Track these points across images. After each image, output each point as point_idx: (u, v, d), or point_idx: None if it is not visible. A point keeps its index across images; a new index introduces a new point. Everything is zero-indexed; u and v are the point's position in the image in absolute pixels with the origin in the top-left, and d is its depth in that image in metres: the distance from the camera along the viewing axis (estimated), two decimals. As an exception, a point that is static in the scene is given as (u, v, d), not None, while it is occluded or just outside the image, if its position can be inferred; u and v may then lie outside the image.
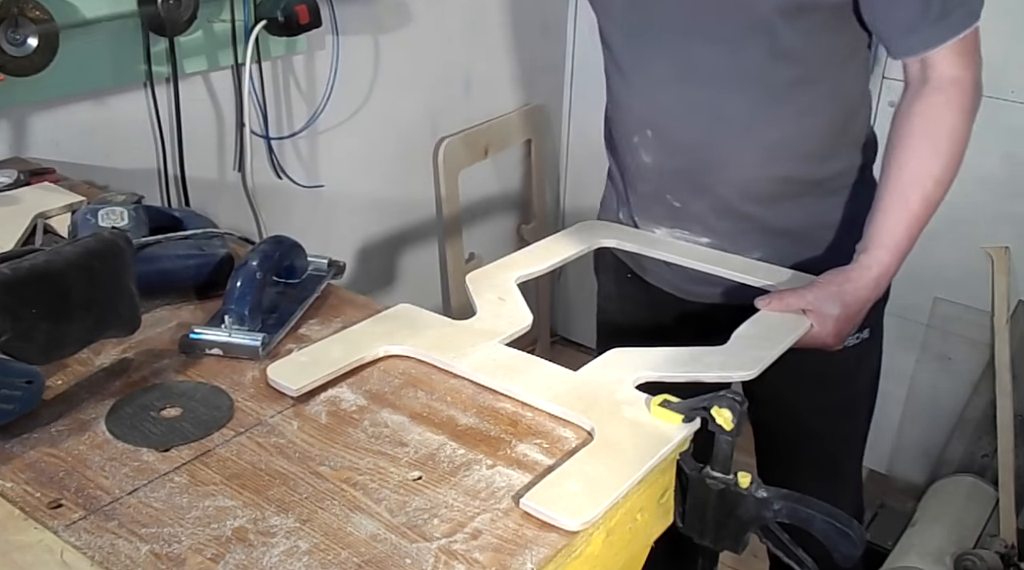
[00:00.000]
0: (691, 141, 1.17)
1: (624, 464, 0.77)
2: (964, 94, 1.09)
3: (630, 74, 1.20)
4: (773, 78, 1.11)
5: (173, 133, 1.60)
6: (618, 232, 1.29)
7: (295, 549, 0.69)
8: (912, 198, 1.11)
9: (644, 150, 1.21)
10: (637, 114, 1.21)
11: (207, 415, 0.84)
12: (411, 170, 2.19)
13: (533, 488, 0.74)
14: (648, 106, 1.19)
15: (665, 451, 0.80)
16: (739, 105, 1.13)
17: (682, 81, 1.14)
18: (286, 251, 1.04)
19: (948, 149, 1.10)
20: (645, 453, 0.79)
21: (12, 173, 1.26)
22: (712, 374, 0.94)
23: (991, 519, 1.99)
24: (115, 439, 0.80)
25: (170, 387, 0.88)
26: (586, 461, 0.77)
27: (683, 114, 1.16)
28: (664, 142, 1.19)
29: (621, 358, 0.94)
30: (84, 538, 0.69)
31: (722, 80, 1.12)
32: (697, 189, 1.21)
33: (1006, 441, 1.98)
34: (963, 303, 2.08)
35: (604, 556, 0.74)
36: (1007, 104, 1.90)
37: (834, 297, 1.09)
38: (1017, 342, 2.01)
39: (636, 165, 1.24)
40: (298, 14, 1.64)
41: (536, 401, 0.87)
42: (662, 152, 1.20)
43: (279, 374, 0.88)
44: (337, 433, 0.82)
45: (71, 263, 0.83)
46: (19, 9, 1.29)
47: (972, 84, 1.09)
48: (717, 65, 1.11)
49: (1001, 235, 1.99)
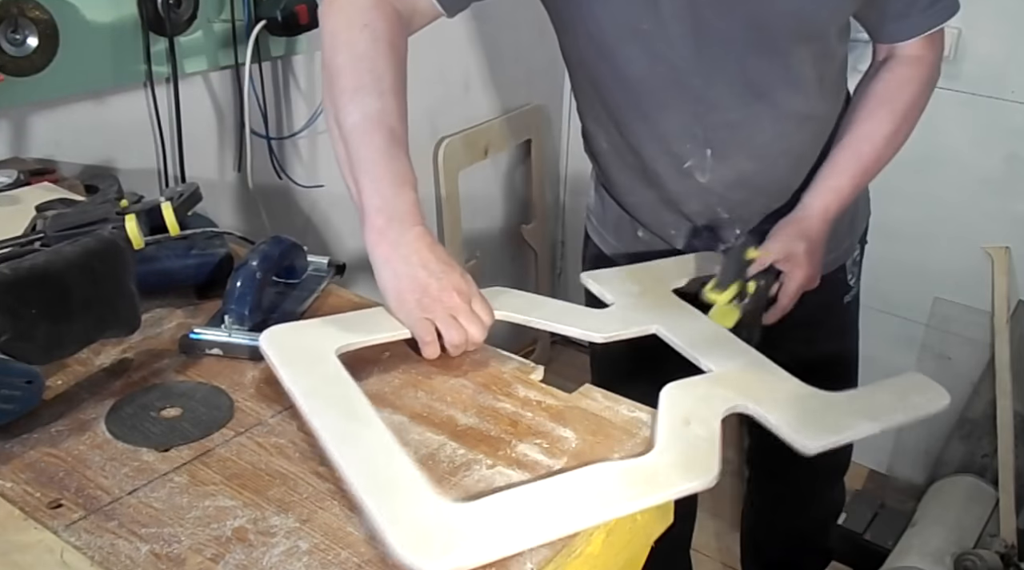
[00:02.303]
0: (756, 149, 1.22)
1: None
2: (927, 70, 1.21)
3: (676, 109, 1.19)
4: (819, 77, 1.20)
5: (173, 133, 1.60)
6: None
7: (295, 549, 0.69)
8: (863, 151, 1.21)
9: (700, 172, 1.24)
10: (692, 141, 1.22)
11: (207, 415, 0.84)
12: (411, 170, 2.19)
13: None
14: (708, 130, 1.20)
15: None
16: (795, 104, 1.20)
17: (744, 97, 1.17)
18: (286, 251, 1.04)
19: (903, 115, 1.21)
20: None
21: (12, 173, 1.26)
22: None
23: (991, 519, 1.98)
24: (115, 439, 0.80)
25: (170, 387, 0.88)
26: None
27: (748, 126, 1.20)
28: (727, 158, 1.23)
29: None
30: (84, 538, 0.69)
31: (780, 86, 1.18)
32: (753, 193, 1.27)
33: (1006, 441, 1.98)
34: (963, 303, 2.08)
35: (604, 556, 0.74)
36: (1007, 104, 1.90)
37: (795, 236, 1.18)
38: (1017, 342, 2.01)
39: (686, 189, 1.27)
40: (298, 14, 1.64)
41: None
42: (724, 167, 1.23)
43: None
44: (337, 433, 0.82)
45: (71, 263, 0.83)
46: (19, 9, 1.29)
47: (934, 63, 1.22)
48: (775, 75, 1.16)
49: (1001, 235, 1.99)
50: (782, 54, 1.14)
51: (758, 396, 0.88)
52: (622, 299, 1.07)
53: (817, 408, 0.88)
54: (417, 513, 0.69)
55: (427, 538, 0.66)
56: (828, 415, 0.87)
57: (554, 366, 1.58)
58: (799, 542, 1.73)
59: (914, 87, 1.20)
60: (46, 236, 0.95)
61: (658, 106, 1.20)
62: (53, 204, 1.07)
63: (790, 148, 1.24)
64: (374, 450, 0.75)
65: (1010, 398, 1.98)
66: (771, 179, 1.26)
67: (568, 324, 1.00)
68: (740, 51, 1.12)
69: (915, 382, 0.95)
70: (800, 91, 1.19)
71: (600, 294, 1.10)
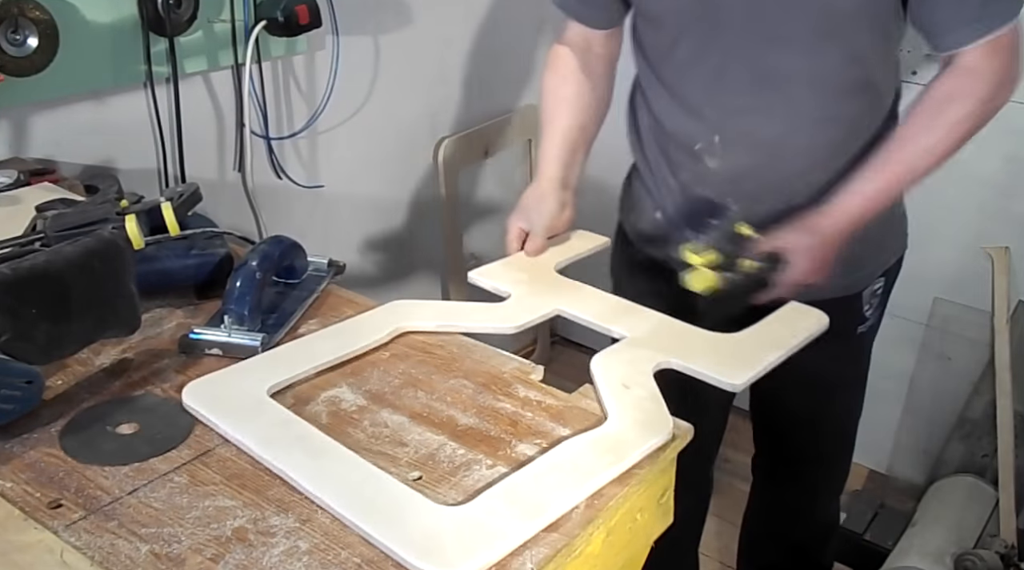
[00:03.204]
0: (764, 142, 1.20)
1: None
2: (983, 84, 1.12)
3: (693, 84, 1.21)
4: (846, 79, 1.16)
5: (173, 133, 1.60)
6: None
7: (295, 549, 0.69)
8: (895, 158, 1.16)
9: (709, 156, 1.23)
10: (703, 121, 1.22)
11: (163, 434, 0.81)
12: (411, 170, 2.19)
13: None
14: (718, 112, 1.20)
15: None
16: (813, 104, 1.17)
17: (757, 86, 1.16)
18: (286, 251, 1.04)
19: (947, 128, 1.14)
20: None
21: (12, 173, 1.26)
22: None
23: (991, 519, 1.98)
24: (64, 453, 0.78)
25: (135, 401, 0.86)
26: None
27: (757, 117, 1.18)
28: (734, 145, 1.21)
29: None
30: (84, 538, 0.69)
31: (798, 82, 1.15)
32: (763, 188, 1.23)
33: (1006, 441, 1.98)
34: (963, 303, 2.08)
35: (604, 556, 0.74)
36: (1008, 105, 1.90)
37: (805, 229, 1.15)
38: (1017, 342, 2.01)
39: (696, 171, 1.26)
40: (298, 14, 1.64)
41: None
42: (732, 155, 1.22)
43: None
44: (337, 433, 0.82)
45: (71, 263, 0.83)
46: (19, 9, 1.29)
47: (993, 77, 1.12)
48: (794, 69, 1.14)
49: (1001, 235, 1.98)
50: (804, 48, 1.12)
51: (676, 351, 0.96)
52: (516, 288, 1.10)
53: (730, 350, 0.98)
54: (423, 526, 0.69)
55: (441, 547, 0.67)
56: (741, 353, 0.97)
57: (554, 366, 1.58)
58: (792, 553, 1.73)
59: (965, 101, 1.13)
60: (46, 236, 0.95)
61: (680, 77, 1.21)
62: (53, 204, 1.07)
63: (804, 148, 1.20)
64: (356, 479, 0.74)
65: (1010, 398, 1.98)
66: (781, 177, 1.22)
67: (479, 322, 1.01)
68: (759, 36, 1.11)
69: (797, 310, 1.09)
70: (820, 91, 1.15)
71: (494, 289, 1.11)
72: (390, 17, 1.98)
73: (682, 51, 1.19)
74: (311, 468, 0.75)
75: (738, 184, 1.24)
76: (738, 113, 1.19)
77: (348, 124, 1.97)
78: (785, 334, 1.02)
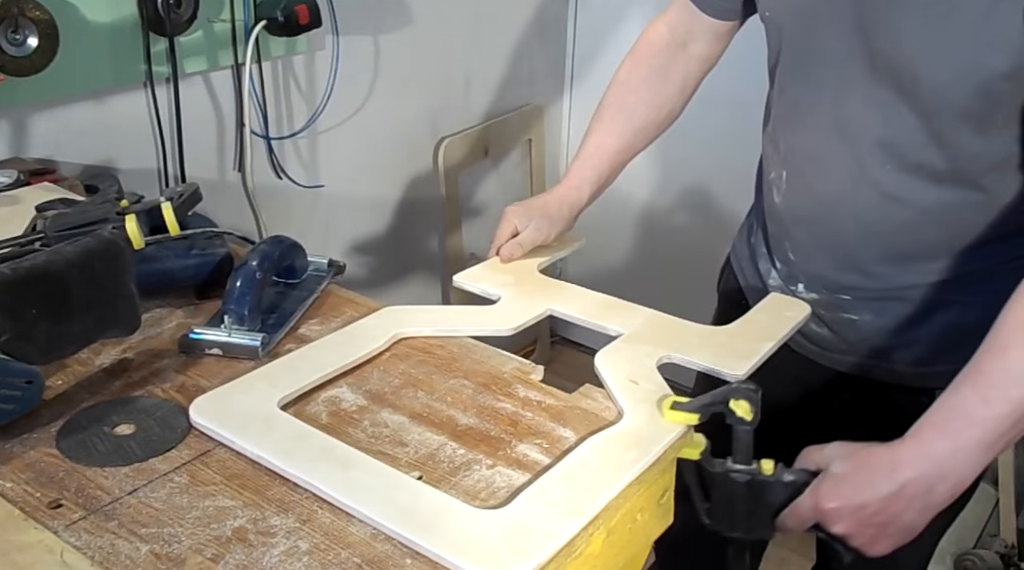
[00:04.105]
0: (822, 194, 1.07)
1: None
2: None
3: (780, 106, 1.11)
4: (919, 157, 0.96)
5: (173, 133, 1.61)
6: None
7: (295, 549, 0.69)
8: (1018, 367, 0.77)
9: (776, 190, 1.13)
10: (780, 153, 1.12)
11: (158, 436, 0.80)
12: (411, 170, 2.19)
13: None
14: (792, 149, 1.09)
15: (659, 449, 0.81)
16: (880, 173, 1.00)
17: (833, 133, 1.02)
18: (286, 251, 1.04)
19: None
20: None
21: (12, 173, 1.26)
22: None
23: (991, 519, 1.98)
24: (60, 453, 0.77)
25: (135, 402, 0.85)
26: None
27: (823, 164, 1.05)
28: (797, 186, 1.10)
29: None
30: (84, 538, 0.69)
31: (868, 141, 0.99)
32: (819, 248, 1.10)
33: (1006, 441, 1.98)
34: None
35: (604, 556, 0.74)
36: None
37: (848, 455, 0.85)
38: (1017, 342, 2.01)
39: (768, 203, 1.17)
40: (298, 14, 1.64)
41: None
42: (793, 196, 1.11)
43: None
44: (337, 433, 0.82)
45: (71, 263, 0.83)
46: (19, 9, 1.29)
47: None
48: (867, 126, 0.99)
49: (1001, 235, 1.98)
50: (877, 100, 0.95)
51: (675, 345, 0.97)
52: (504, 290, 1.09)
53: (725, 342, 0.99)
54: (470, 532, 0.69)
55: (494, 551, 0.67)
56: (735, 345, 0.98)
57: (554, 366, 1.58)
58: None
59: None
60: (46, 236, 0.95)
61: (778, 94, 1.10)
62: (53, 204, 1.07)
63: (864, 218, 1.03)
64: (389, 488, 0.74)
65: (1010, 398, 1.98)
66: (836, 242, 1.07)
67: (476, 325, 1.01)
68: (842, 77, 0.97)
69: (780, 301, 1.11)
70: (893, 159, 0.97)
71: (482, 292, 1.10)
72: (390, 17, 1.98)
73: (781, 66, 1.07)
74: (342, 480, 0.74)
75: (795, 229, 1.12)
76: (806, 156, 1.06)
77: (348, 124, 1.97)
78: (773, 324, 1.04)
